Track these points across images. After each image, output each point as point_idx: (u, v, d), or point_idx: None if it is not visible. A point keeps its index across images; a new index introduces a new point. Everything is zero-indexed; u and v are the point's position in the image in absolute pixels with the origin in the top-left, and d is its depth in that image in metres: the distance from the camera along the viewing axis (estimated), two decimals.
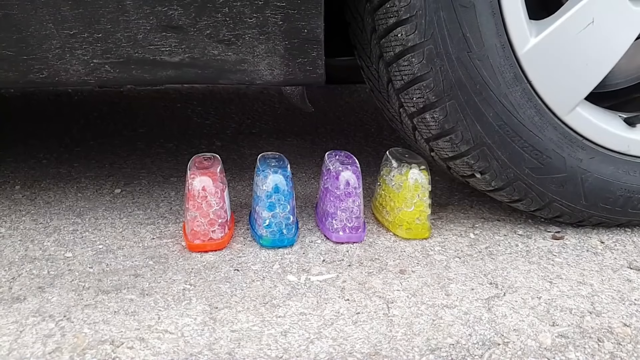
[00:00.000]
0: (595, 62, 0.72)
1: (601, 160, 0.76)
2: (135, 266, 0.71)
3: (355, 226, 0.76)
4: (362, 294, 0.65)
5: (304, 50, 0.68)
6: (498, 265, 0.73)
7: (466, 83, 0.69)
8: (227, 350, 0.55)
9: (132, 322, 0.59)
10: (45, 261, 0.73)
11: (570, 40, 0.70)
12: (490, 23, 0.68)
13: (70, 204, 0.91)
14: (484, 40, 0.68)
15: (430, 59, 0.69)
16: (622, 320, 0.60)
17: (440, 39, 0.68)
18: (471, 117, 0.71)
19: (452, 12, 0.67)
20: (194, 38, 0.65)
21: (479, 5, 0.67)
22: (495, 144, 0.73)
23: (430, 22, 0.67)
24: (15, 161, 1.13)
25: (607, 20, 0.70)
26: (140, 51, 0.66)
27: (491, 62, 0.69)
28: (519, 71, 0.71)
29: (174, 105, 1.65)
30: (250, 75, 0.69)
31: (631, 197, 0.78)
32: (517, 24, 0.69)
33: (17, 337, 0.56)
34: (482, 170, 0.76)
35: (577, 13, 0.69)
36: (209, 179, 0.73)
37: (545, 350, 0.55)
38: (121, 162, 1.13)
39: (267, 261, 0.73)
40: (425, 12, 0.66)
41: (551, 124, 0.74)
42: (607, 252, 0.77)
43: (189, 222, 0.74)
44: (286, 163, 0.78)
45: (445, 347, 0.55)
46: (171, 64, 0.67)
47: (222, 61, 0.67)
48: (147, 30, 0.65)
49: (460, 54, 0.68)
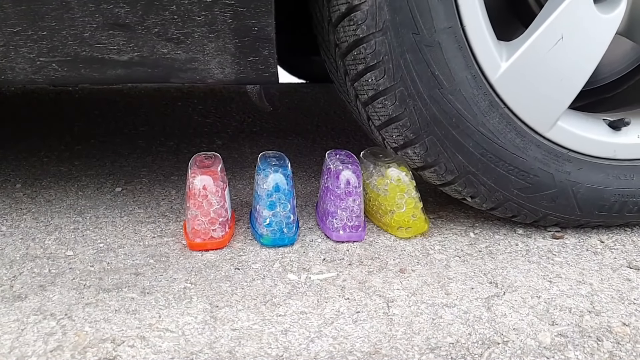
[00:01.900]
0: (570, 76, 0.72)
1: (590, 170, 0.76)
2: (136, 265, 0.71)
3: (356, 225, 0.77)
4: (362, 292, 0.65)
5: (255, 49, 0.67)
6: (498, 264, 0.73)
7: (441, 118, 0.70)
8: (227, 349, 0.55)
9: (133, 321, 0.59)
10: (47, 259, 0.73)
11: (541, 59, 0.70)
12: (458, 57, 0.68)
13: (71, 203, 0.92)
14: (454, 75, 0.69)
15: (402, 100, 0.70)
16: (622, 319, 0.61)
17: (410, 80, 0.69)
18: (451, 150, 0.72)
19: (417, 53, 0.67)
20: (142, 36, 0.65)
21: (444, 42, 0.67)
22: (479, 171, 0.74)
23: (397, 66, 0.68)
24: (16, 159, 1.13)
25: (576, 33, 0.70)
26: (88, 49, 0.65)
27: (464, 94, 0.70)
28: (494, 98, 0.71)
29: (175, 103, 1.65)
30: (201, 74, 0.68)
31: (626, 201, 0.78)
32: (486, 53, 0.69)
33: (18, 335, 0.57)
34: (472, 195, 0.77)
35: (545, 32, 0.69)
36: (209, 178, 0.73)
37: (545, 349, 0.55)
38: (122, 160, 1.13)
39: (267, 260, 0.73)
40: (391, 56, 0.67)
41: (534, 142, 0.74)
42: (606, 251, 0.77)
43: (189, 221, 0.74)
44: (287, 162, 0.78)
45: (445, 346, 0.56)
46: (120, 63, 0.66)
47: (172, 60, 0.67)
48: (94, 28, 0.64)
49: (431, 92, 0.69)
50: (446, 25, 0.67)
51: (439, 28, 0.67)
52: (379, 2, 0.65)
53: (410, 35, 0.66)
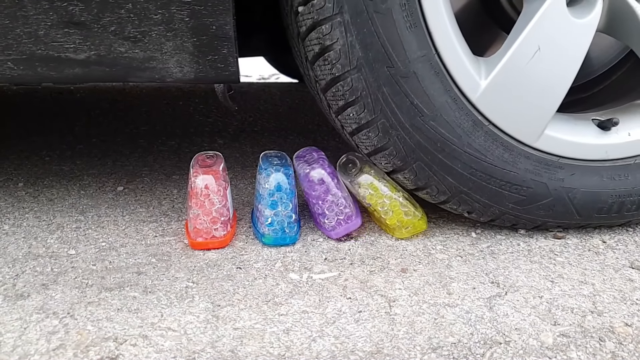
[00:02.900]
0: (552, 85, 0.71)
1: (583, 174, 0.76)
2: (138, 264, 0.71)
3: (348, 215, 0.76)
4: (364, 292, 0.65)
5: (214, 48, 0.67)
6: (500, 264, 0.73)
7: (426, 145, 0.71)
8: (229, 348, 0.55)
9: (135, 320, 0.59)
10: (49, 258, 0.73)
11: (521, 73, 0.70)
12: (435, 83, 0.68)
13: (73, 202, 0.92)
14: (433, 101, 0.69)
15: (385, 131, 0.70)
16: (624, 319, 0.61)
17: (390, 112, 0.69)
18: (440, 173, 0.73)
19: (394, 86, 0.68)
20: (98, 35, 0.64)
21: (420, 71, 0.68)
22: (471, 190, 0.74)
23: (376, 100, 0.68)
24: (18, 158, 1.13)
25: (552, 43, 0.69)
26: (43, 48, 0.65)
27: (446, 118, 0.70)
28: (477, 117, 0.71)
29: (176, 102, 1.65)
30: (160, 73, 0.68)
31: (624, 201, 0.78)
32: (463, 74, 0.69)
33: (21, 333, 0.57)
34: (468, 211, 0.77)
35: (521, 46, 0.69)
36: (211, 177, 0.73)
37: (547, 350, 0.55)
38: (123, 159, 1.14)
39: (269, 259, 0.73)
40: (369, 91, 0.68)
41: (522, 155, 0.73)
42: (608, 251, 0.77)
43: (191, 220, 0.74)
44: (288, 161, 0.78)
45: (447, 345, 0.56)
46: (77, 62, 0.66)
47: (130, 59, 0.66)
48: (49, 27, 0.63)
49: (412, 120, 0.69)
50: (420, 54, 0.67)
51: (412, 58, 0.67)
52: (350, 41, 0.65)
53: (385, 69, 0.67)
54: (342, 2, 0.64)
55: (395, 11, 0.65)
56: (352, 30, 0.65)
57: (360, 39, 0.65)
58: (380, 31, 0.65)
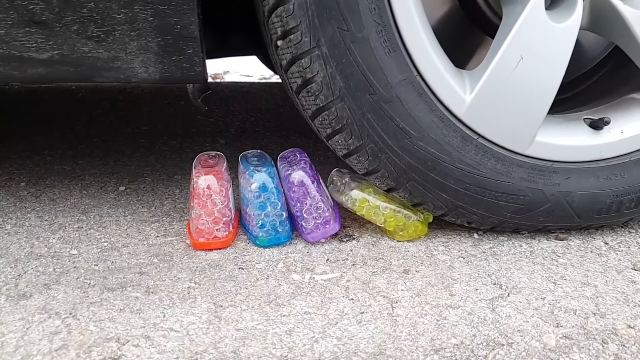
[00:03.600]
0: (539, 93, 0.71)
1: (579, 176, 0.75)
2: (140, 264, 0.71)
3: (326, 220, 0.75)
4: (366, 293, 0.65)
5: (179, 47, 0.66)
6: (502, 265, 0.73)
7: (417, 165, 0.71)
8: (232, 349, 0.55)
9: (137, 320, 0.59)
10: (51, 258, 0.73)
11: (506, 84, 0.70)
12: (419, 104, 0.69)
13: (75, 201, 0.92)
14: (420, 122, 0.69)
15: (375, 155, 0.71)
16: (627, 321, 0.61)
17: (377, 137, 0.70)
18: (435, 190, 0.73)
19: (378, 112, 0.68)
20: (61, 34, 0.63)
21: (403, 94, 0.68)
22: (467, 203, 0.74)
23: (362, 127, 0.69)
24: (20, 158, 1.13)
25: (535, 50, 0.69)
26: (5, 47, 0.64)
27: (434, 137, 0.70)
28: (465, 132, 0.71)
29: (177, 102, 1.65)
30: (125, 73, 0.67)
31: (622, 200, 0.77)
32: (448, 92, 0.69)
33: (23, 334, 0.57)
34: (468, 222, 0.77)
35: (503, 57, 0.68)
36: (213, 178, 0.73)
37: (550, 352, 0.55)
38: (125, 159, 1.14)
39: (271, 260, 0.73)
40: (354, 119, 0.69)
41: (515, 164, 0.73)
42: (611, 253, 0.77)
43: (193, 220, 0.74)
44: (269, 160, 0.78)
45: (449, 347, 0.56)
46: (40, 62, 0.65)
47: (94, 58, 0.65)
48: (9, 25, 0.62)
49: (400, 143, 0.70)
50: (401, 78, 0.67)
51: (394, 82, 0.67)
52: (330, 73, 0.66)
53: (368, 97, 0.67)
54: (318, 36, 0.64)
55: (372, 39, 0.65)
56: (331, 62, 0.66)
57: (340, 69, 0.66)
58: (359, 60, 0.66)
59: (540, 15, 0.68)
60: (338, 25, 0.64)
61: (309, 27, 0.64)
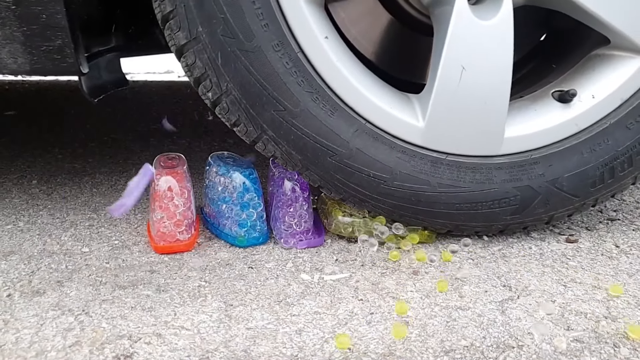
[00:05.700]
0: (492, 94, 0.69)
1: (561, 159, 0.73)
2: (151, 262, 0.72)
3: (306, 229, 0.76)
4: (375, 294, 0.65)
5: (47, 38, 0.64)
6: (511, 267, 0.72)
7: (401, 204, 0.74)
8: (242, 348, 0.55)
9: (149, 318, 0.60)
10: (63, 255, 0.74)
11: (454, 98, 0.69)
12: (380, 147, 0.71)
13: (85, 199, 0.93)
14: (387, 164, 0.71)
15: (362, 204, 0.74)
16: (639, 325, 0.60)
17: (354, 191, 0.72)
18: (429, 219, 0.76)
19: (345, 169, 0.70)
20: None
21: (362, 145, 0.69)
22: (465, 220, 0.75)
23: (335, 187, 0.72)
24: (32, 155, 1.14)
25: (473, 57, 0.67)
26: None
27: (406, 172, 0.72)
28: (432, 155, 0.71)
29: (186, 102, 1.66)
30: None
31: (613, 166, 0.74)
32: (402, 127, 0.70)
33: (37, 330, 0.57)
34: (475, 232, 0.78)
35: (443, 74, 0.68)
36: (174, 179, 0.72)
37: (561, 355, 0.55)
38: (135, 158, 1.14)
39: (280, 259, 0.73)
40: (326, 182, 0.72)
41: (493, 168, 0.72)
42: (622, 256, 0.76)
43: (154, 224, 0.73)
44: (245, 160, 0.78)
45: (459, 349, 0.56)
46: None
47: None
48: None
49: (378, 189, 0.73)
50: (353, 131, 0.69)
51: (349, 137, 0.69)
52: (284, 149, 0.69)
53: (329, 160, 0.70)
54: (259, 123, 0.68)
55: (310, 108, 0.67)
56: (281, 142, 0.69)
57: (293, 145, 0.69)
58: (308, 131, 0.68)
59: (468, 17, 0.66)
60: (274, 109, 0.67)
61: (248, 117, 0.67)
